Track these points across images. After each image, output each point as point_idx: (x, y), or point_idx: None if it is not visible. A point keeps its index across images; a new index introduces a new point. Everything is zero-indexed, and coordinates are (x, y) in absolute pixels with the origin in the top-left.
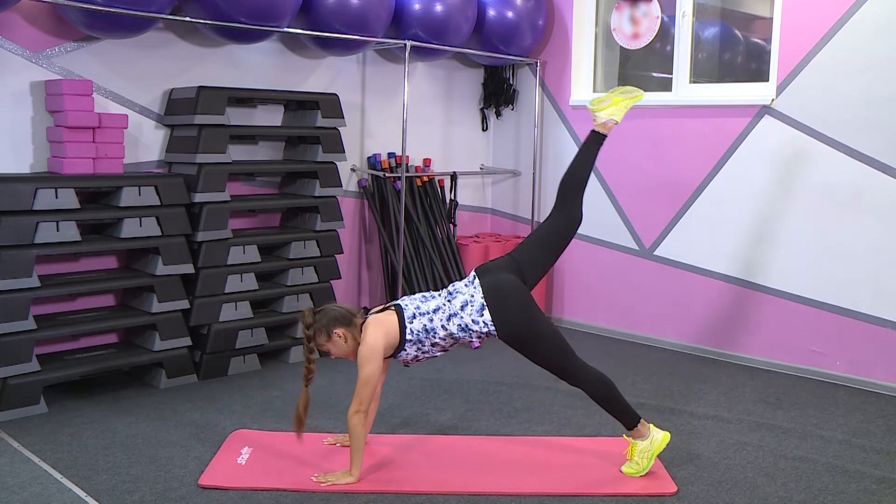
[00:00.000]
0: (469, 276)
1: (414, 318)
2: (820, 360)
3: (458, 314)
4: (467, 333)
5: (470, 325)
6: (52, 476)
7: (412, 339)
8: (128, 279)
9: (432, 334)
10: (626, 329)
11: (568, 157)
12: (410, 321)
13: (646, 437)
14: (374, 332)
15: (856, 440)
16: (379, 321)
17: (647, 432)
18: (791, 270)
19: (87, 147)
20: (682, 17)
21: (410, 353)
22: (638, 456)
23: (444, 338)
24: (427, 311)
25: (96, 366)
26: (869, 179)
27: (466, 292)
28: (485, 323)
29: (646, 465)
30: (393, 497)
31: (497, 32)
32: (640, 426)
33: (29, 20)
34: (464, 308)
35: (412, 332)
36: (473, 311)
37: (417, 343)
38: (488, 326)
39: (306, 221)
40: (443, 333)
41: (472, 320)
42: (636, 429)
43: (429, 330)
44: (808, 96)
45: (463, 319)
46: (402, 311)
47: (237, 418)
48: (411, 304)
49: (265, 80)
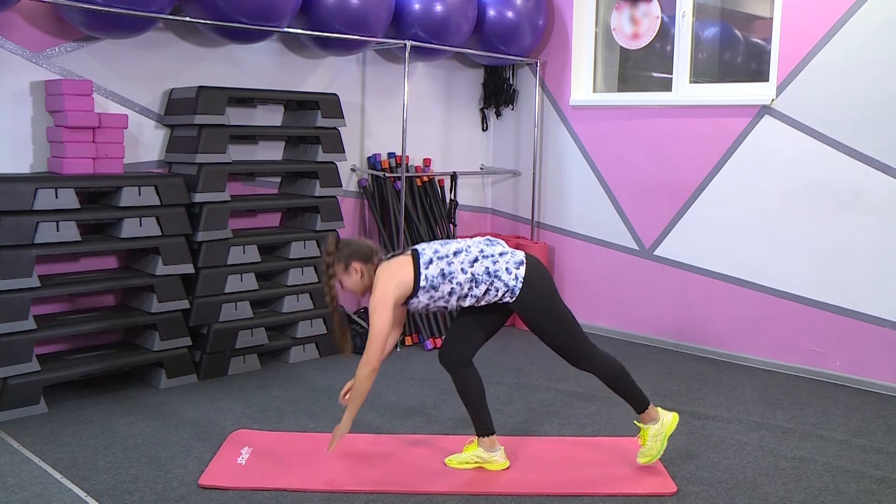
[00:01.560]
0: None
1: (430, 263)
2: (820, 360)
3: (493, 257)
4: (490, 280)
5: (501, 273)
6: (52, 476)
7: (425, 285)
8: (128, 279)
9: (450, 279)
10: (626, 329)
11: (568, 157)
12: (426, 266)
13: (656, 421)
14: (385, 282)
15: (856, 440)
16: (391, 269)
17: (657, 415)
18: (791, 270)
19: (87, 147)
20: (682, 17)
21: (422, 302)
22: (651, 440)
23: (462, 283)
24: (446, 255)
25: (96, 366)
26: (869, 179)
27: (506, 247)
28: (517, 277)
29: (659, 448)
30: (393, 497)
31: (497, 32)
32: (649, 409)
33: (29, 20)
34: (503, 255)
35: (426, 279)
36: (511, 262)
37: (431, 290)
38: (517, 281)
39: (306, 221)
40: (462, 278)
41: (507, 269)
42: (646, 412)
43: (446, 274)
44: (808, 96)
45: (497, 264)
46: (418, 257)
47: (237, 418)
48: (429, 249)
49: (265, 80)
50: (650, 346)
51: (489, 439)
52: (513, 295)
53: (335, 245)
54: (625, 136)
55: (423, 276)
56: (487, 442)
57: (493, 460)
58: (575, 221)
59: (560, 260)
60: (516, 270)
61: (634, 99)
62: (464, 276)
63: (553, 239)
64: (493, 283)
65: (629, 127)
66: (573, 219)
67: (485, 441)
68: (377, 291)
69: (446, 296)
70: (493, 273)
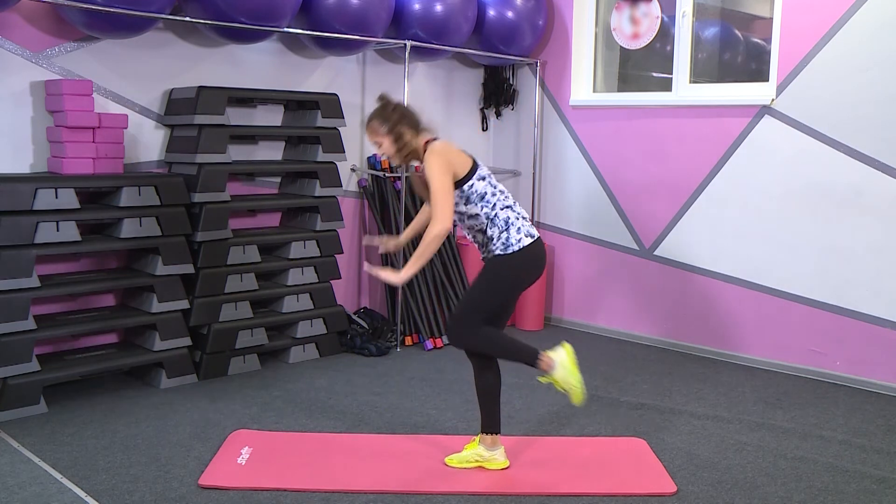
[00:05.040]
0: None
1: (482, 180)
2: (820, 360)
3: (518, 214)
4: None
5: (511, 231)
6: (52, 476)
7: (466, 192)
8: (128, 279)
9: (483, 204)
10: (626, 329)
11: (568, 157)
12: (480, 179)
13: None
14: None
15: (856, 440)
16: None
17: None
18: (791, 270)
19: (87, 147)
20: (682, 17)
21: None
22: (564, 384)
23: (488, 214)
24: (495, 185)
25: (96, 366)
26: (869, 179)
27: (529, 220)
28: (519, 241)
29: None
30: (393, 497)
31: (497, 32)
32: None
33: (29, 20)
34: (525, 220)
35: (471, 187)
36: (525, 229)
37: (465, 200)
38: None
39: (306, 221)
40: (487, 210)
41: (518, 229)
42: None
43: (484, 198)
44: (808, 96)
45: (519, 221)
46: (476, 166)
47: (237, 418)
48: (485, 168)
49: (265, 80)
50: (650, 346)
51: (491, 437)
52: (504, 250)
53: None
54: (625, 136)
55: (470, 182)
56: (489, 440)
57: (493, 459)
58: (575, 221)
59: (560, 260)
60: (525, 237)
61: (634, 99)
62: (491, 211)
63: (553, 239)
64: (502, 231)
65: (629, 127)
66: (573, 219)
67: (486, 439)
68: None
69: (469, 214)
70: (507, 226)
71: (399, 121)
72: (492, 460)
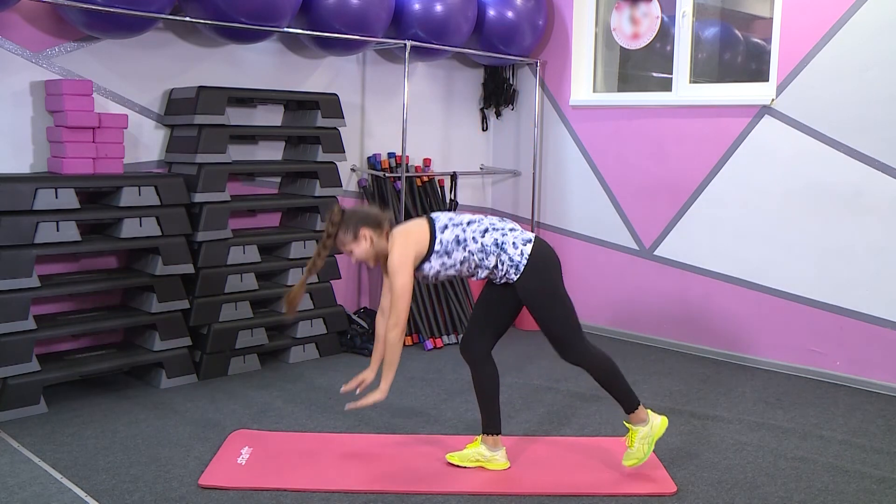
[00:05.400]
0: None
1: (446, 229)
2: (820, 360)
3: (503, 230)
4: (498, 253)
5: (507, 247)
6: (52, 476)
7: (440, 249)
8: (128, 279)
9: (463, 246)
10: (626, 329)
11: (568, 157)
12: (442, 231)
13: (646, 423)
14: (404, 242)
15: (856, 440)
16: (407, 231)
17: (647, 417)
18: (791, 270)
19: (87, 147)
20: (682, 17)
21: (434, 267)
22: (638, 442)
23: (474, 252)
24: (460, 223)
25: (96, 366)
26: (869, 179)
27: (518, 227)
28: (522, 253)
29: (646, 451)
30: (393, 497)
31: (497, 32)
32: (638, 411)
33: (29, 20)
34: (513, 231)
35: (441, 243)
36: (519, 238)
37: (444, 256)
38: (522, 258)
39: (306, 221)
40: (473, 247)
41: (513, 243)
42: (635, 413)
43: (460, 241)
44: (808, 96)
45: (505, 237)
46: (433, 221)
47: (237, 418)
48: (444, 216)
49: (265, 80)
50: (650, 346)
51: (493, 438)
52: (517, 271)
53: (340, 215)
54: (625, 136)
55: (438, 239)
56: (491, 440)
57: (493, 459)
58: (575, 221)
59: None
60: (523, 247)
61: (634, 99)
62: (475, 245)
63: (553, 239)
64: (499, 255)
65: (629, 127)
66: (573, 219)
67: (488, 439)
68: (395, 250)
69: (458, 264)
70: (501, 245)
71: (360, 224)
72: (493, 461)
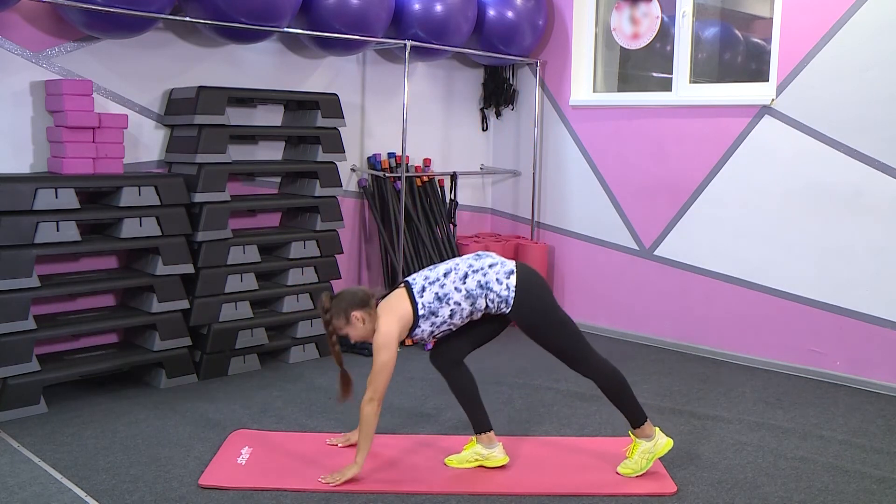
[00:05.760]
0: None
1: (424, 291)
2: (820, 360)
3: (483, 269)
4: (485, 293)
5: (492, 284)
6: (52, 476)
7: (424, 313)
8: (128, 279)
9: (447, 301)
10: (626, 329)
11: (568, 157)
12: (420, 294)
13: (650, 439)
14: (387, 319)
15: (856, 440)
16: (390, 307)
17: (653, 434)
18: (791, 270)
19: (87, 147)
20: (682, 17)
21: (426, 330)
22: (638, 455)
23: (460, 302)
24: (437, 278)
25: (96, 366)
26: (869, 179)
27: (497, 258)
28: (508, 286)
29: (644, 465)
30: (393, 497)
31: (497, 32)
32: (645, 426)
33: (29, 20)
34: (492, 266)
35: (423, 306)
36: (501, 272)
37: (431, 316)
38: (510, 291)
39: (306, 221)
40: (458, 297)
41: (497, 279)
42: (641, 428)
43: (442, 297)
44: (808, 96)
45: (487, 276)
46: (410, 287)
47: (237, 418)
48: (419, 278)
49: (265, 80)
50: (650, 346)
51: (486, 436)
52: (507, 305)
53: (329, 301)
54: (625, 136)
55: (419, 304)
56: (486, 439)
57: (491, 456)
58: (575, 221)
59: (560, 260)
60: (507, 280)
61: (634, 99)
62: (459, 295)
63: (553, 239)
64: (487, 295)
65: (629, 127)
66: (573, 219)
67: (482, 437)
68: (381, 328)
69: (448, 318)
70: (485, 285)
71: (349, 307)
72: (490, 457)
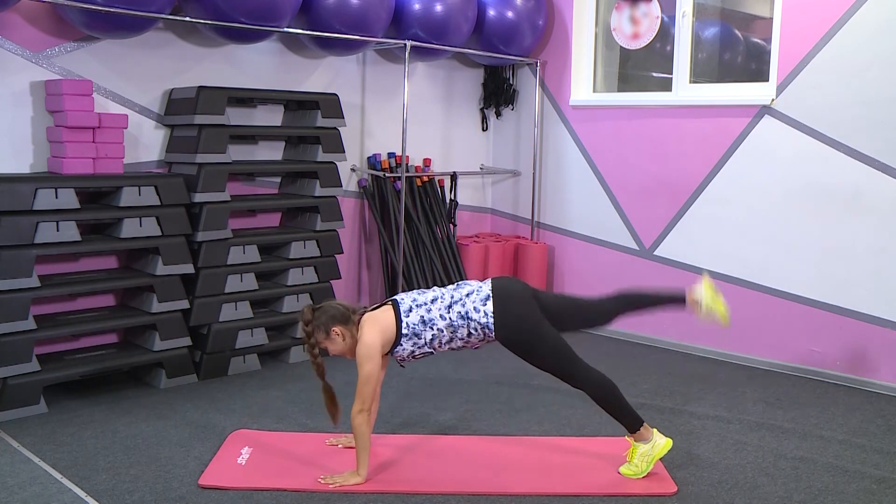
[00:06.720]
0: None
1: (410, 311)
2: (820, 360)
3: (461, 300)
4: (466, 322)
5: (471, 314)
6: (52, 476)
7: (408, 332)
8: (128, 279)
9: (430, 325)
10: (626, 329)
11: (568, 157)
12: (407, 314)
13: (648, 441)
14: (371, 330)
15: (856, 440)
16: (374, 318)
17: (650, 436)
18: (791, 270)
19: (87, 147)
20: (682, 17)
21: (407, 349)
22: (638, 458)
23: (443, 329)
24: (424, 303)
25: (96, 366)
26: (869, 179)
27: (475, 285)
28: (486, 313)
29: (644, 468)
30: (393, 497)
31: (497, 32)
32: (642, 430)
33: (29, 20)
34: (469, 295)
35: (408, 326)
36: (478, 300)
37: (414, 337)
38: (488, 317)
39: (306, 221)
40: (441, 324)
41: (475, 307)
42: (639, 432)
43: (426, 321)
44: (808, 96)
45: (465, 306)
46: (398, 305)
47: (237, 418)
48: (408, 298)
49: (265, 80)
50: (650, 346)
51: (638, 433)
52: (491, 330)
53: (311, 314)
54: (625, 136)
55: (404, 323)
56: (640, 435)
57: (656, 447)
58: (575, 221)
59: (560, 260)
60: (483, 307)
61: (634, 99)
62: (443, 322)
63: (553, 239)
64: (468, 324)
65: (629, 127)
66: (573, 219)
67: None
68: (364, 339)
69: (429, 341)
70: (466, 315)
71: (329, 323)
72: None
